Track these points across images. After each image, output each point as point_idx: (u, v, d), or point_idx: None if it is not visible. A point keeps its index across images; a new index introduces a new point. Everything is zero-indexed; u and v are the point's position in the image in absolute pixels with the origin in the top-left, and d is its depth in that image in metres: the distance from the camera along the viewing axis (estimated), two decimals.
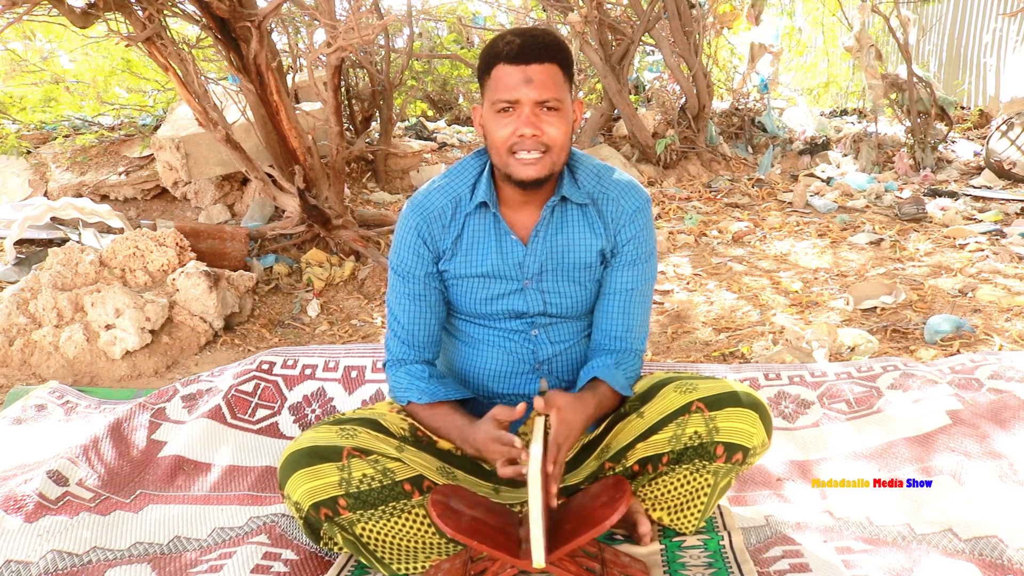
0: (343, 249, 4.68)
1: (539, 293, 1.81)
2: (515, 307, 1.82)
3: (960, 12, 8.90)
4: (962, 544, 1.63)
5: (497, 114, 1.65)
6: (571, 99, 1.71)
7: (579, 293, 1.83)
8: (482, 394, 1.91)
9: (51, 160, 6.17)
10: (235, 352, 3.59)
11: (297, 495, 1.55)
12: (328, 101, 4.40)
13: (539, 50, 1.62)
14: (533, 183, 1.68)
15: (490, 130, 1.68)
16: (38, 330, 3.36)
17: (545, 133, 1.63)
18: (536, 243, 1.78)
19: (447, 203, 1.80)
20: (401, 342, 1.84)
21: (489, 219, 1.79)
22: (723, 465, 1.64)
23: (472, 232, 1.80)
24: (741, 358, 3.08)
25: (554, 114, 1.64)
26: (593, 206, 1.80)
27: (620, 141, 7.45)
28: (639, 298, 1.83)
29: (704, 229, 5.19)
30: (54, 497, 1.97)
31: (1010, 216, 5.03)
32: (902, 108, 6.94)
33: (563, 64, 1.66)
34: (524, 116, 1.62)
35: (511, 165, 1.67)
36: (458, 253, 1.80)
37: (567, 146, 1.70)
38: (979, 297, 3.46)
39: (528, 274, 1.80)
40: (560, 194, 1.76)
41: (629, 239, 1.80)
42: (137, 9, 3.89)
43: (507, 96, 1.62)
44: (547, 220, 1.78)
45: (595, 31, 6.56)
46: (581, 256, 1.80)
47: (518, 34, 1.65)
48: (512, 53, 1.62)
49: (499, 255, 1.79)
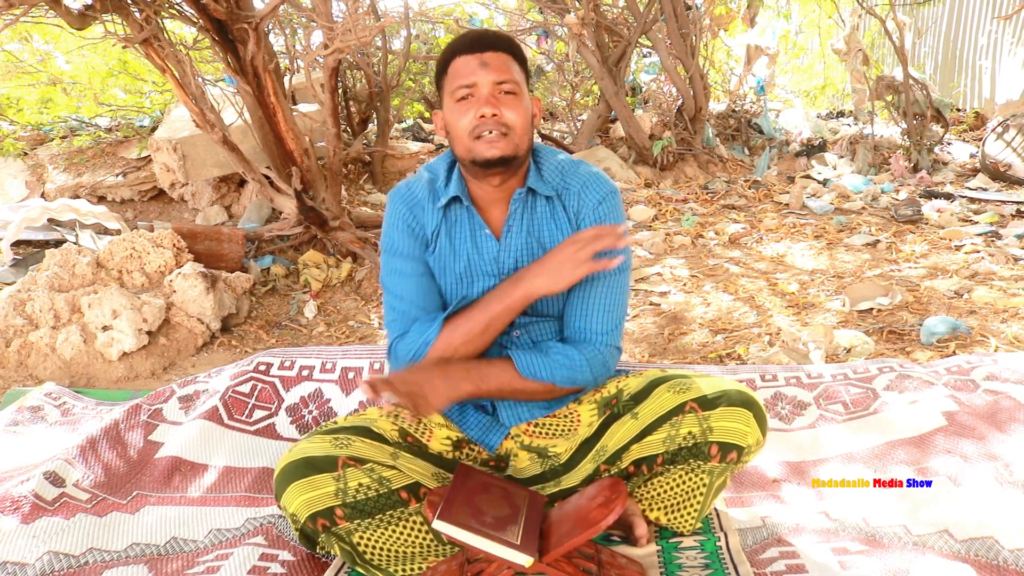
0: (340, 250, 4.68)
1: None
2: None
3: (956, 15, 8.92)
4: (958, 545, 1.64)
5: (457, 103, 1.69)
6: (528, 93, 1.76)
7: None
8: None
9: (48, 161, 6.18)
10: (232, 353, 3.58)
11: (294, 507, 1.55)
12: (325, 103, 4.40)
13: (492, 40, 1.71)
14: (498, 161, 1.68)
15: (452, 123, 1.72)
16: (35, 331, 3.36)
17: (504, 115, 1.67)
18: (509, 238, 1.79)
19: (427, 193, 1.83)
20: (405, 316, 1.79)
21: (463, 214, 1.81)
22: (718, 465, 1.64)
23: (449, 227, 1.81)
24: (738, 360, 3.08)
25: (512, 98, 1.68)
26: (558, 199, 1.81)
27: (617, 143, 7.47)
28: (601, 288, 1.78)
29: (701, 231, 5.19)
30: (51, 498, 1.96)
31: (1005, 218, 5.05)
32: (898, 110, 6.96)
33: (516, 56, 1.73)
34: (483, 97, 1.66)
35: (475, 148, 1.69)
36: (438, 248, 1.81)
37: (528, 132, 1.73)
38: (975, 299, 3.47)
39: (504, 269, 1.80)
40: (527, 185, 1.78)
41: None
42: (134, 11, 3.89)
43: (465, 81, 1.68)
44: (518, 213, 1.79)
45: (592, 33, 6.57)
46: (552, 247, 1.78)
47: (468, 31, 1.75)
48: (466, 44, 1.70)
49: (475, 249, 1.80)
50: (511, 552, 1.44)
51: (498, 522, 1.50)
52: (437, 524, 1.45)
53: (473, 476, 1.64)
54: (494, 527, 1.48)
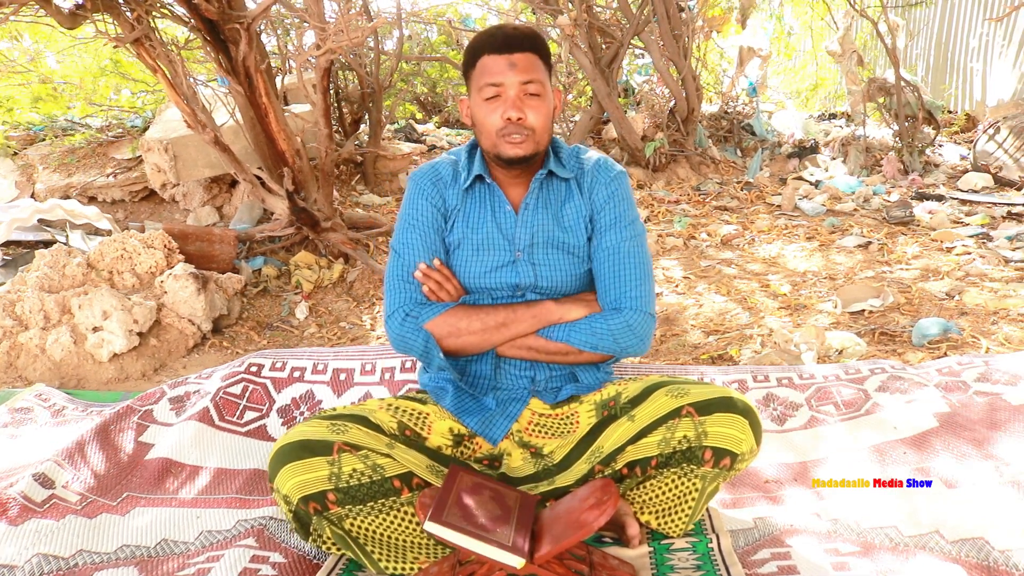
0: (332, 251, 4.67)
1: (530, 265, 1.89)
2: (508, 279, 1.89)
3: (947, 17, 8.95)
4: (949, 546, 1.64)
5: (486, 101, 1.82)
6: (551, 86, 1.88)
7: (569, 264, 1.91)
8: (477, 375, 1.94)
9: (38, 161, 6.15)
10: (223, 354, 3.57)
11: (287, 488, 1.56)
12: (317, 103, 4.39)
13: (520, 40, 1.81)
14: (520, 160, 1.84)
15: (479, 117, 1.85)
16: (24, 332, 3.34)
17: (528, 118, 1.80)
18: (526, 214, 1.92)
19: (450, 172, 1.97)
20: (418, 291, 1.91)
21: (485, 191, 1.94)
22: (711, 470, 1.65)
23: (471, 203, 1.94)
24: (730, 361, 3.08)
25: (536, 100, 1.81)
26: (574, 180, 1.96)
27: (609, 144, 7.47)
28: (628, 259, 1.89)
29: (693, 232, 5.20)
30: (40, 500, 1.96)
31: (996, 220, 5.06)
32: (890, 112, 6.98)
33: (542, 54, 1.85)
34: (510, 100, 1.79)
35: (499, 145, 1.83)
36: (458, 221, 1.93)
37: (549, 129, 1.88)
38: (966, 300, 3.48)
39: (520, 245, 1.90)
40: (547, 168, 1.92)
41: (604, 203, 1.93)
42: (125, 10, 3.87)
43: (494, 80, 1.79)
44: (536, 192, 1.93)
45: (584, 34, 6.57)
46: (569, 224, 1.92)
47: (499, 28, 1.84)
48: (496, 44, 1.80)
49: (494, 223, 1.91)
50: (502, 553, 1.44)
51: (489, 523, 1.50)
52: (428, 526, 1.44)
53: (465, 477, 1.64)
54: (485, 528, 1.48)
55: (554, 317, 1.87)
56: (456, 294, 1.91)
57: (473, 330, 1.85)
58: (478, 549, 1.44)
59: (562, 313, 1.87)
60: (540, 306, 1.88)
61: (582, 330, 1.85)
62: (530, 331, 1.87)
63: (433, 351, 1.85)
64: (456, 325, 1.85)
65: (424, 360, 1.90)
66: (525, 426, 1.90)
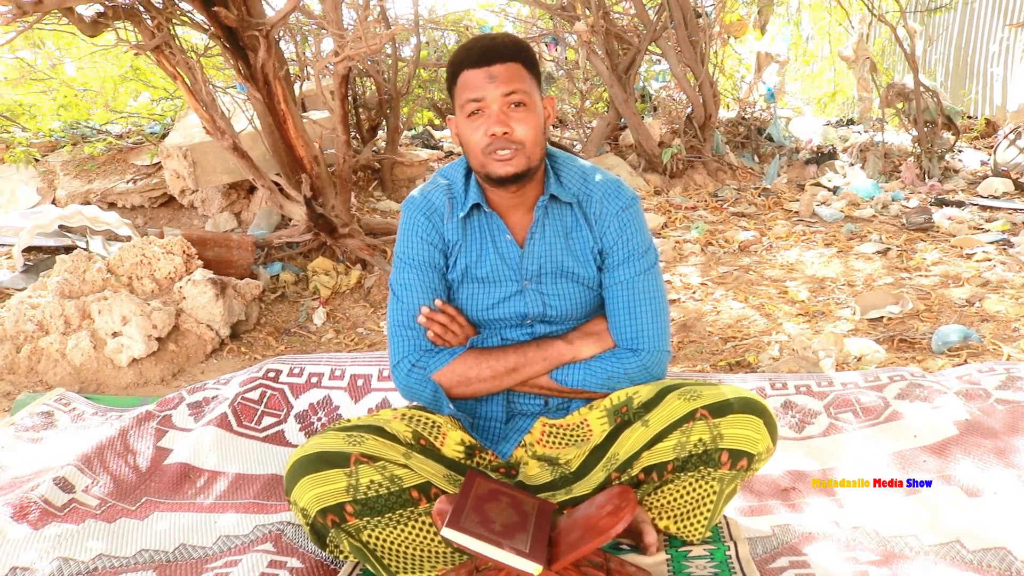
0: (349, 257, 4.69)
1: (539, 295, 1.83)
2: (517, 310, 1.83)
3: (967, 22, 8.90)
4: (970, 555, 1.63)
5: (468, 118, 1.71)
6: (540, 96, 1.76)
7: (578, 293, 1.84)
8: (485, 406, 1.90)
9: (59, 168, 6.21)
10: (241, 360, 3.59)
11: (304, 501, 1.55)
12: (335, 110, 4.41)
13: (500, 50, 1.69)
14: (512, 179, 1.72)
15: (464, 136, 1.74)
16: (45, 337, 3.37)
17: (514, 131, 1.68)
18: (532, 244, 1.82)
19: (444, 200, 1.85)
20: (422, 336, 1.83)
21: (484, 220, 1.84)
22: (728, 472, 1.63)
23: (471, 235, 1.84)
24: (748, 367, 3.07)
25: (522, 110, 1.69)
26: (579, 207, 1.83)
27: (626, 150, 7.46)
28: (643, 294, 1.81)
29: (710, 238, 5.18)
30: (60, 504, 1.97)
31: (1017, 226, 5.02)
32: (909, 117, 6.93)
33: (526, 62, 1.72)
34: (493, 114, 1.67)
35: (488, 164, 1.71)
36: (460, 256, 1.84)
37: (540, 141, 1.74)
38: (987, 307, 3.45)
39: (527, 275, 1.82)
40: (549, 192, 1.80)
41: (615, 240, 1.82)
42: (146, 18, 3.91)
43: (473, 95, 1.68)
44: (541, 221, 1.82)
45: (602, 40, 6.57)
46: (576, 253, 1.83)
47: (478, 40, 1.73)
48: (474, 57, 1.69)
49: (497, 254, 1.82)
50: (520, 560, 1.43)
51: (507, 530, 1.49)
52: (445, 532, 1.44)
53: (482, 483, 1.63)
54: (503, 535, 1.47)
55: (566, 358, 1.82)
56: (463, 333, 1.84)
57: (483, 377, 1.80)
58: (495, 555, 1.44)
59: (574, 353, 1.82)
60: (551, 347, 1.82)
61: (597, 373, 1.81)
62: (541, 373, 1.82)
63: (442, 400, 1.81)
64: (465, 374, 1.80)
65: (434, 408, 1.85)
66: (538, 438, 1.87)
